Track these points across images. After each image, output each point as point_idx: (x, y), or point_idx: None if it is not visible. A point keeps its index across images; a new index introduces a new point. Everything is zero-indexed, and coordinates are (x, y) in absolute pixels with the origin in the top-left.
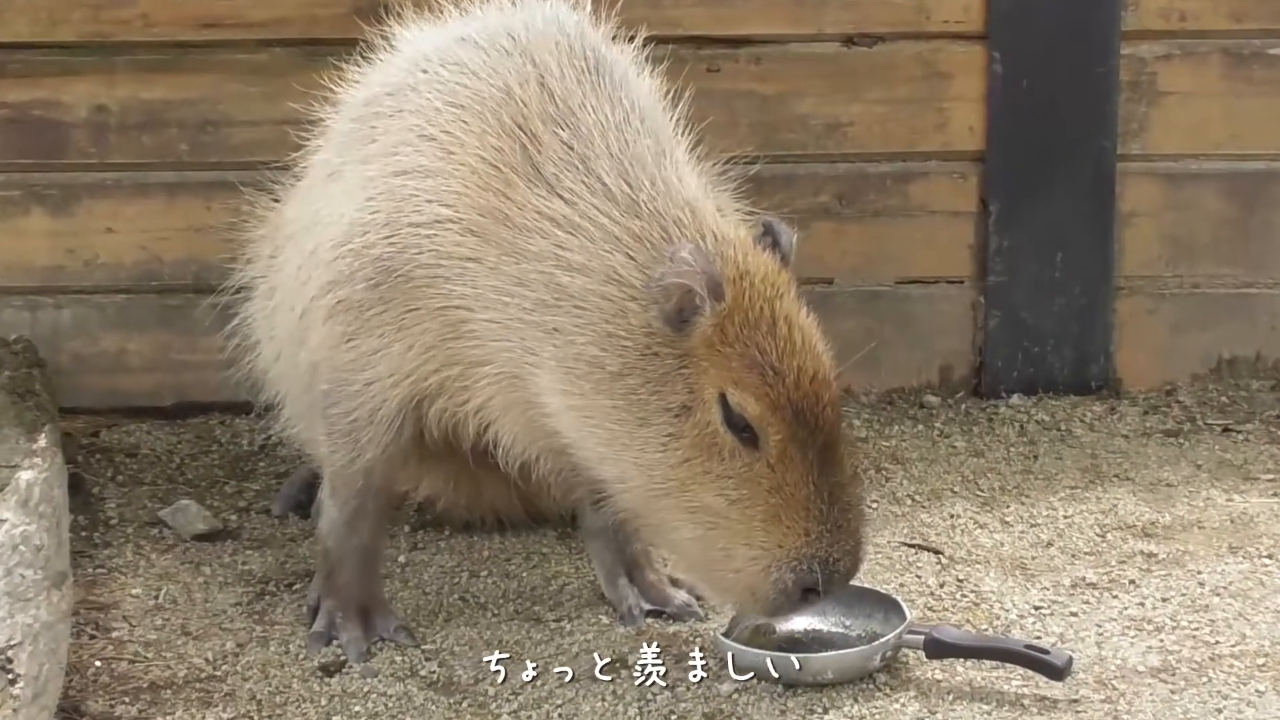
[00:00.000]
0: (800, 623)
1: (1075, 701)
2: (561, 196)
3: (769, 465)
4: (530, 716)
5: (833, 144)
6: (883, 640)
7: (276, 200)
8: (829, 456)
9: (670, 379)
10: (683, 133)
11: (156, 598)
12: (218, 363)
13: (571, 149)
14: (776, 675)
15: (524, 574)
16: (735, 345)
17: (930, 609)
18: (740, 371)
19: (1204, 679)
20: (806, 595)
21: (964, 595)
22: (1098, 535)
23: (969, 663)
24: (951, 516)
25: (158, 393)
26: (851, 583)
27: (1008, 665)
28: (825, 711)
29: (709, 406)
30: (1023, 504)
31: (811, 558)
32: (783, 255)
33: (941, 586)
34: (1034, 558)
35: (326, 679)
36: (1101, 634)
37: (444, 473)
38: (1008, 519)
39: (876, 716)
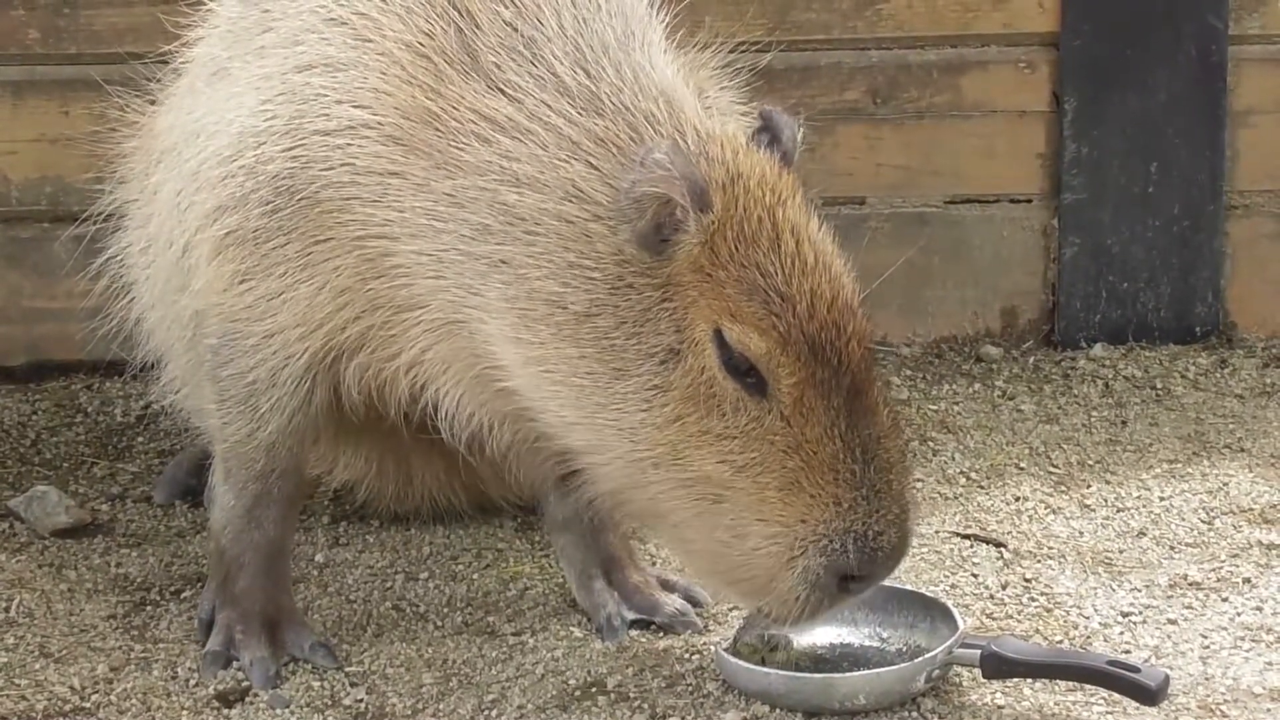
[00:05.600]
0: (825, 635)
1: None
2: (504, 92)
3: (783, 418)
4: None
5: (864, 25)
6: (928, 656)
7: (154, 102)
8: (859, 403)
9: (651, 317)
10: (659, 12)
11: (7, 610)
12: (82, 311)
13: (515, 30)
14: (795, 701)
15: (474, 576)
16: (729, 267)
17: (989, 616)
18: (738, 299)
19: None
20: (845, 584)
21: (1032, 599)
22: (1203, 522)
23: (1038, 684)
24: (1017, 499)
25: (6, 350)
26: (890, 581)
27: (1087, 687)
28: None
29: (701, 348)
30: (1107, 483)
31: (845, 533)
32: (784, 154)
33: (1004, 588)
34: (1122, 551)
35: (225, 710)
36: (1208, 647)
37: (365, 452)
38: (1088, 502)
39: None
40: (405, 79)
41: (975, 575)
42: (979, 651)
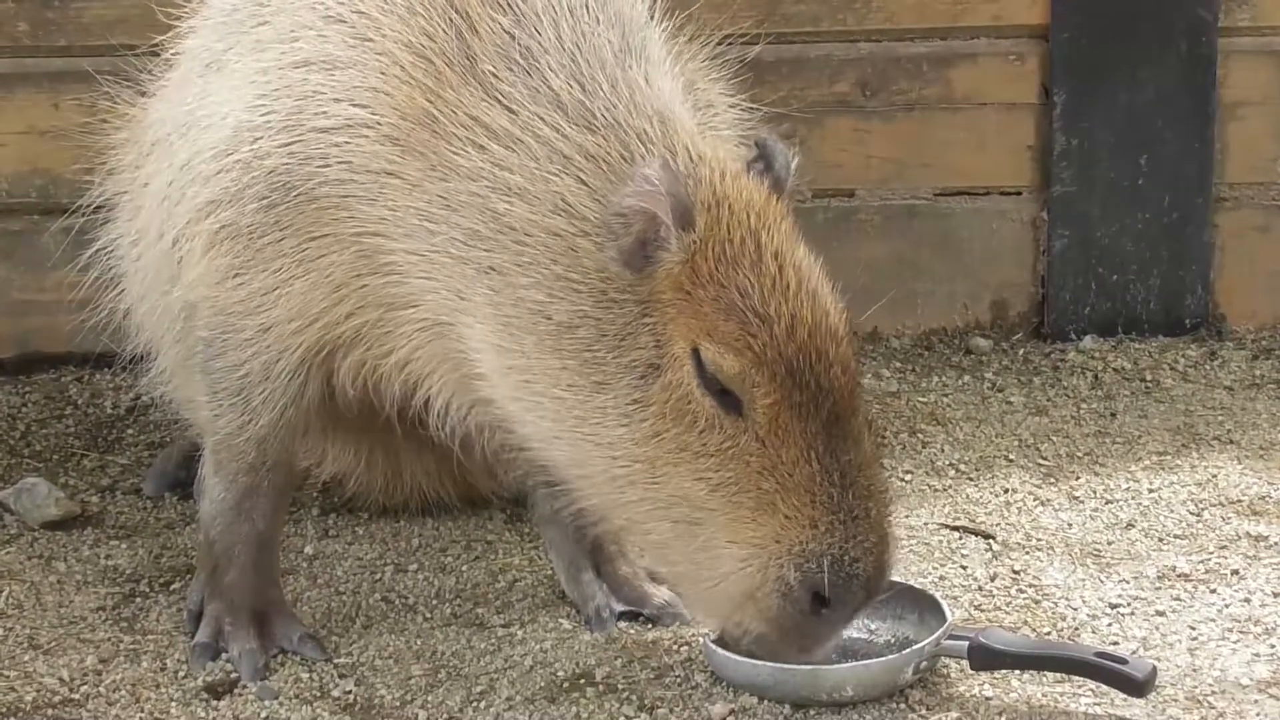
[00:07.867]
0: None
1: None
2: (499, 100)
3: (758, 438)
4: None
5: (853, 18)
6: (916, 648)
7: (144, 94)
8: (840, 429)
9: (632, 332)
10: (660, 20)
11: None
12: (71, 304)
13: (513, 39)
14: (783, 692)
15: (463, 568)
16: (709, 286)
17: (978, 608)
18: (715, 319)
19: None
20: (817, 604)
21: (1021, 590)
22: (1192, 514)
23: (1026, 675)
24: (1006, 491)
25: None
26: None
27: (1075, 678)
28: None
29: (680, 364)
30: (1096, 475)
31: (820, 555)
32: (776, 181)
33: (992, 579)
34: (1110, 543)
35: (214, 702)
36: (1196, 638)
37: (354, 445)
38: (1077, 494)
39: None
40: (405, 80)
41: (964, 567)
42: (967, 643)
